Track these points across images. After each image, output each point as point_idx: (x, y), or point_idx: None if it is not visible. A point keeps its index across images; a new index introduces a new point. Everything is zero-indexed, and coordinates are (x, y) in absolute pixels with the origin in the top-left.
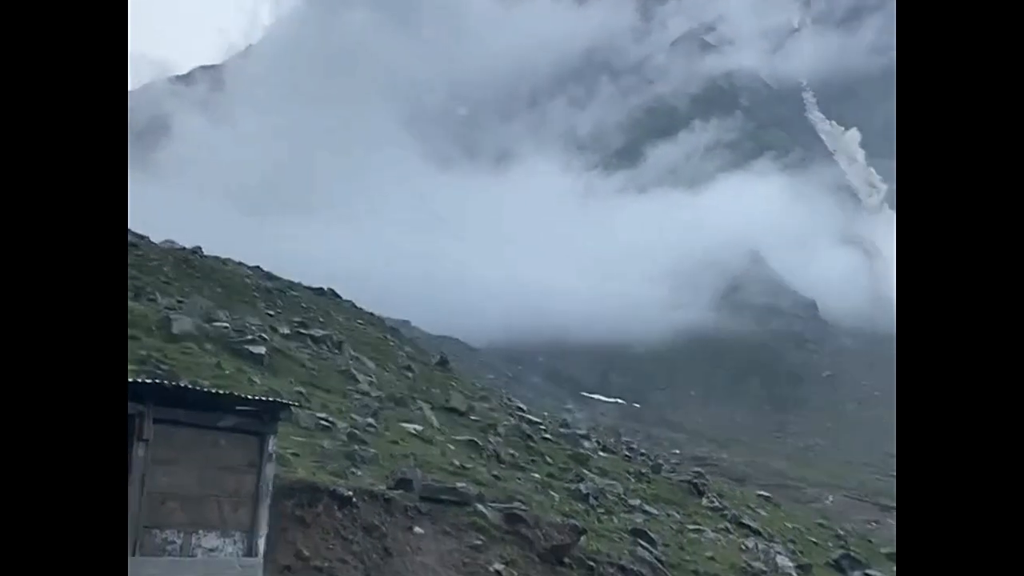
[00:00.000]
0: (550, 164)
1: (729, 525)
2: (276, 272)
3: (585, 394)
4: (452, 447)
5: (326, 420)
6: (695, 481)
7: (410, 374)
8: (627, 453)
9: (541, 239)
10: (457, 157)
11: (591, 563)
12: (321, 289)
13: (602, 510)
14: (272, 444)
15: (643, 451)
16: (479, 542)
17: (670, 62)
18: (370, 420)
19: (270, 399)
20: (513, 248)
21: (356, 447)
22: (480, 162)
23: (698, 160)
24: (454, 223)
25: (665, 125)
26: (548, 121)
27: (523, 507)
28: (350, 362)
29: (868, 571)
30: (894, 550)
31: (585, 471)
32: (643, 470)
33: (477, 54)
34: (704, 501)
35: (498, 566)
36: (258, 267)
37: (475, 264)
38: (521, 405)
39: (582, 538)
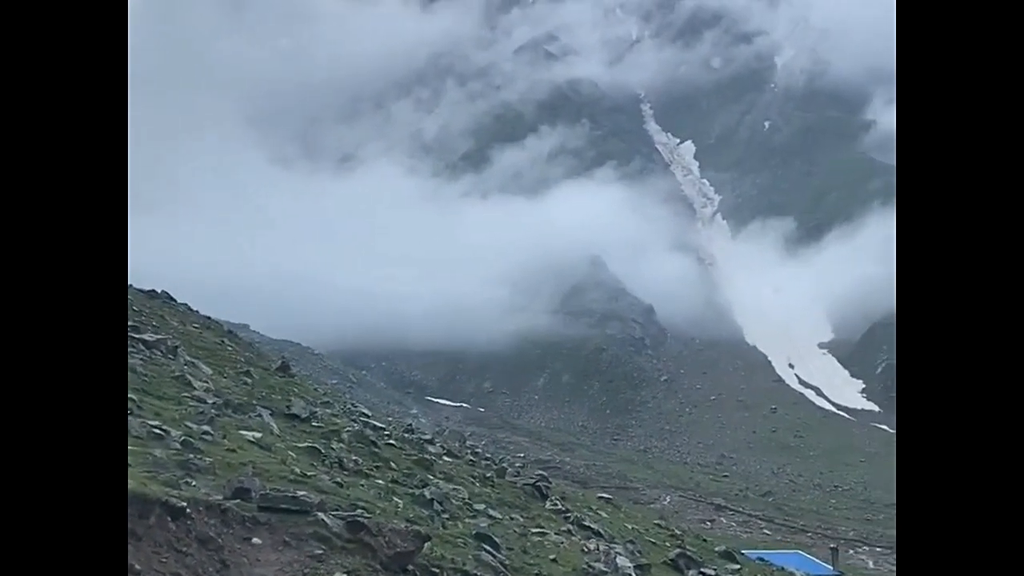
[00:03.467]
0: (395, 167)
1: (572, 527)
2: None
3: (430, 398)
4: (293, 454)
5: (159, 428)
6: (539, 484)
7: (249, 379)
8: (472, 457)
9: (384, 242)
10: (299, 157)
11: (435, 570)
12: (154, 291)
13: (447, 515)
14: None
15: (488, 455)
16: (320, 551)
17: (516, 69)
18: (206, 428)
19: None
20: (356, 250)
21: (191, 456)
22: (322, 163)
23: (542, 166)
24: (295, 224)
25: (511, 131)
26: (394, 124)
27: (366, 514)
28: (185, 367)
29: (703, 569)
30: (727, 548)
31: (430, 476)
32: (488, 474)
33: (323, 55)
34: (547, 504)
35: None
36: None
37: (317, 266)
38: (365, 410)
39: (426, 545)
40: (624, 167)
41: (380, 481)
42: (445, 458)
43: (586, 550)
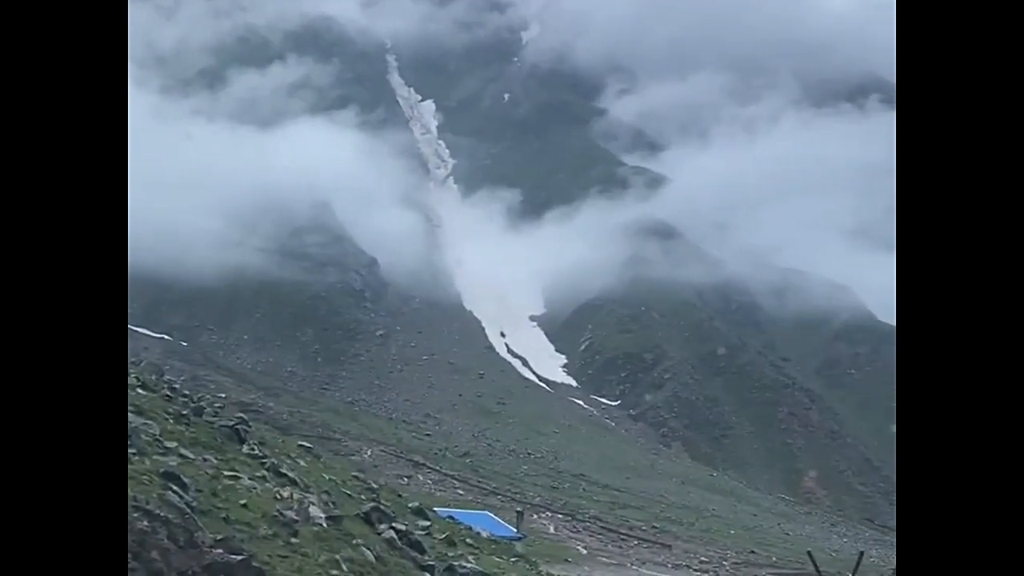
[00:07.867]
0: None
1: (267, 473)
2: None
3: (130, 327)
4: None
5: None
6: (238, 427)
7: None
8: (168, 393)
9: None
10: None
11: None
12: None
13: (134, 451)
14: None
15: (187, 392)
16: None
17: None
18: None
19: None
20: None
21: None
22: None
23: (281, 99)
24: None
25: (254, 56)
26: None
27: None
28: None
29: (394, 524)
30: (420, 505)
31: None
32: (184, 412)
33: None
34: (245, 448)
35: None
36: None
37: None
38: None
39: None
40: (365, 114)
41: None
42: (139, 391)
43: (279, 497)
